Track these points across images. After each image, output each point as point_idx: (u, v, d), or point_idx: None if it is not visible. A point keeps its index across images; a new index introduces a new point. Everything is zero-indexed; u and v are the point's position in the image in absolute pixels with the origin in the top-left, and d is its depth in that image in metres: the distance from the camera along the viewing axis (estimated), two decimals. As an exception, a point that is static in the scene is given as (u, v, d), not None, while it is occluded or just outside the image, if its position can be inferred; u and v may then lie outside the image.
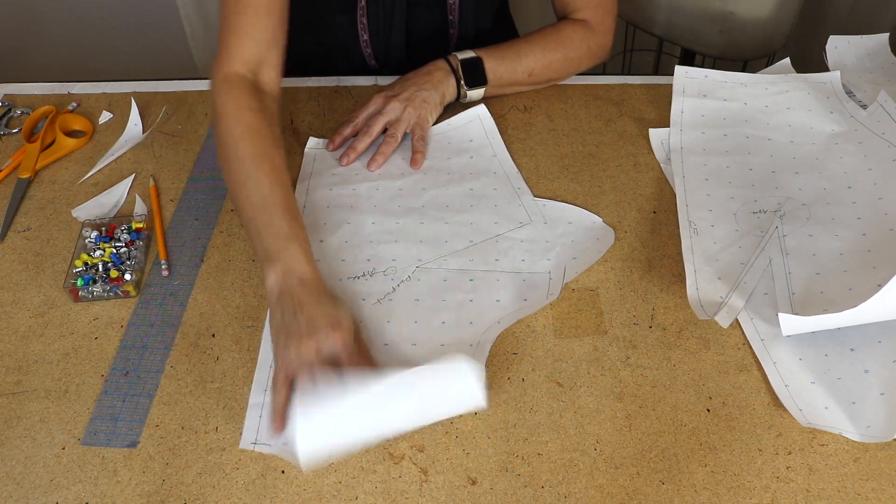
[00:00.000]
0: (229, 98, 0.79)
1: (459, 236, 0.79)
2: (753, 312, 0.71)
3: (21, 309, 0.75)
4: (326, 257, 0.78)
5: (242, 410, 0.66)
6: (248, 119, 0.77)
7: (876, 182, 0.81)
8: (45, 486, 0.61)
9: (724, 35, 1.35)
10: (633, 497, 0.59)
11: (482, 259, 0.77)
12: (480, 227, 0.80)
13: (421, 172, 0.86)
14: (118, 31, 1.86)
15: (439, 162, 0.88)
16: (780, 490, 0.59)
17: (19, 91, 1.02)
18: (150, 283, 0.77)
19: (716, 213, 0.80)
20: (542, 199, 0.83)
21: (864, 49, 1.02)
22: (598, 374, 0.67)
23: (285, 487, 0.61)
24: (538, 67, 0.93)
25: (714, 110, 0.92)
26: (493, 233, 0.79)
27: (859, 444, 0.61)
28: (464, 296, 0.74)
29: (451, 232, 0.80)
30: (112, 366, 0.70)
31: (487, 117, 0.92)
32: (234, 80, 0.81)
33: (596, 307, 0.73)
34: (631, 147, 0.90)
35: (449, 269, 0.76)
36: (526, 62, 0.93)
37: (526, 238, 0.79)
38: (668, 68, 1.15)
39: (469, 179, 0.86)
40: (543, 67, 0.94)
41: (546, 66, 0.94)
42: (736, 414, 0.64)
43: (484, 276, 0.75)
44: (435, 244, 0.78)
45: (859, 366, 0.66)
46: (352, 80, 1.01)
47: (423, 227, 0.80)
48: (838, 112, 0.91)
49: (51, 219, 0.84)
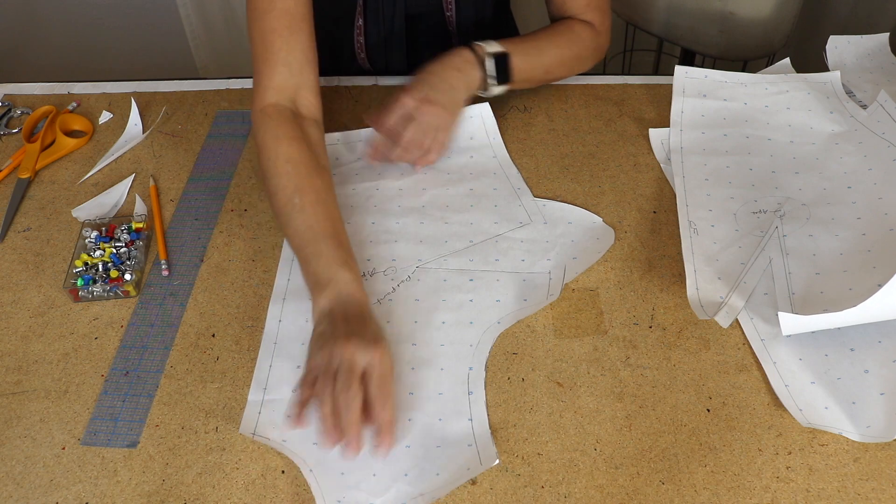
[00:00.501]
0: (267, 130, 0.78)
1: (459, 236, 0.79)
2: (753, 312, 0.71)
3: (21, 309, 0.75)
4: None
5: (242, 410, 0.66)
6: (288, 151, 0.76)
7: (876, 182, 0.81)
8: (45, 486, 0.61)
9: (724, 35, 1.35)
10: (633, 497, 0.59)
11: (482, 259, 0.77)
12: (480, 227, 0.80)
13: (421, 172, 0.86)
14: (118, 31, 1.86)
15: (439, 161, 0.88)
16: (780, 490, 0.59)
17: (19, 91, 1.03)
18: (150, 283, 0.77)
19: (716, 213, 0.80)
20: (542, 199, 0.83)
21: (864, 49, 1.02)
22: (598, 374, 0.67)
23: (285, 487, 0.61)
24: (554, 64, 0.93)
25: (714, 110, 0.92)
26: (493, 233, 0.79)
27: (859, 444, 0.61)
28: (464, 296, 0.74)
29: (451, 232, 0.80)
30: (112, 366, 0.70)
31: (490, 116, 0.92)
32: (271, 111, 0.79)
33: (596, 307, 0.73)
34: (631, 147, 0.90)
35: (449, 269, 0.76)
36: (545, 59, 0.91)
37: (526, 238, 0.79)
38: (668, 68, 1.15)
39: (469, 179, 0.86)
40: (559, 65, 0.93)
41: (561, 63, 0.93)
42: (736, 414, 0.64)
43: (484, 276, 0.75)
44: (435, 244, 0.78)
45: (859, 366, 0.66)
46: (352, 80, 1.01)
47: (423, 227, 0.80)
48: (838, 112, 0.91)
49: (51, 219, 0.84)
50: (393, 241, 0.79)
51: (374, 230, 0.80)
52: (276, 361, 0.69)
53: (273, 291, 0.75)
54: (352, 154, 0.89)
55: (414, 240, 0.79)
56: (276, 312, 0.73)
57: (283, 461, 0.62)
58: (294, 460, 0.62)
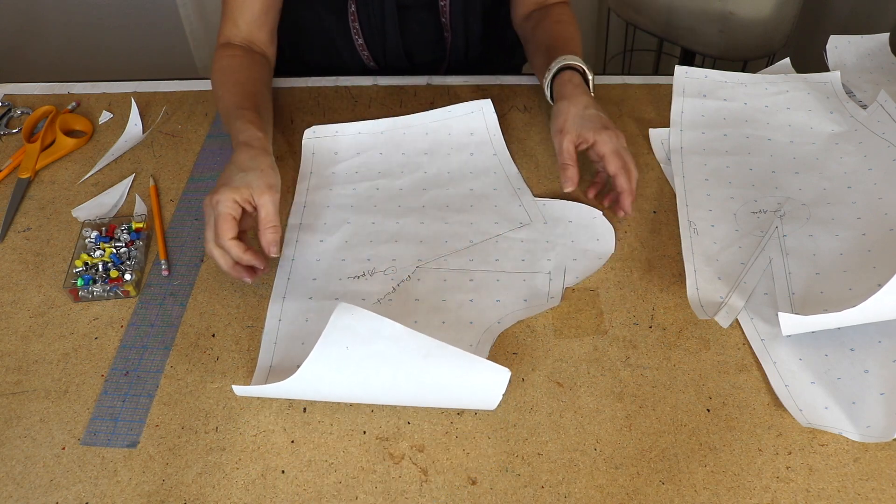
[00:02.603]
0: (220, 57, 0.91)
1: (459, 236, 0.79)
2: (753, 312, 0.71)
3: (21, 309, 0.75)
4: (326, 257, 0.78)
5: (242, 411, 0.66)
6: (231, 63, 0.90)
7: (876, 182, 0.81)
8: (45, 486, 0.61)
9: (724, 35, 1.36)
10: (633, 497, 0.59)
11: (482, 259, 0.77)
12: (480, 228, 0.80)
13: (421, 171, 0.86)
14: (118, 31, 1.87)
15: (439, 159, 0.88)
16: (780, 490, 0.59)
17: (19, 91, 1.03)
18: (150, 283, 0.77)
19: (716, 213, 0.80)
20: (542, 198, 0.83)
21: (864, 49, 1.02)
22: (598, 374, 0.67)
23: (285, 487, 0.61)
24: (581, 49, 0.92)
25: (714, 110, 0.92)
26: (493, 233, 0.79)
27: (859, 444, 0.61)
28: (464, 296, 0.74)
29: (452, 232, 0.80)
30: (112, 366, 0.70)
31: (491, 112, 0.92)
32: (226, 47, 0.92)
33: (596, 307, 0.73)
34: (631, 147, 0.89)
35: (449, 269, 0.76)
36: (581, 53, 0.91)
37: (526, 238, 0.79)
38: (668, 68, 1.15)
39: (469, 179, 0.86)
40: (581, 50, 0.92)
41: (581, 49, 0.93)
42: (736, 414, 0.64)
43: (484, 276, 0.75)
44: (435, 244, 0.78)
45: (859, 366, 0.66)
46: (351, 80, 1.01)
47: (423, 227, 0.80)
48: (838, 112, 0.91)
49: (51, 219, 0.84)
50: (393, 241, 0.79)
51: (375, 230, 0.80)
52: (275, 361, 0.69)
53: (272, 291, 0.75)
54: (350, 151, 0.89)
55: (414, 240, 0.79)
56: (276, 311, 0.73)
57: (283, 461, 0.62)
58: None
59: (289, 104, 0.97)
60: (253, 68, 0.91)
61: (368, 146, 0.89)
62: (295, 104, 0.97)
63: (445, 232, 0.80)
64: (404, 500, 0.60)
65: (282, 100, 0.98)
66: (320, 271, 0.76)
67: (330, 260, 0.78)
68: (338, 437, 0.64)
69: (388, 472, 0.61)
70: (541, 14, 0.98)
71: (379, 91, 0.99)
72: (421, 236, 0.79)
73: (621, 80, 0.99)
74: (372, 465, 0.62)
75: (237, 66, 0.90)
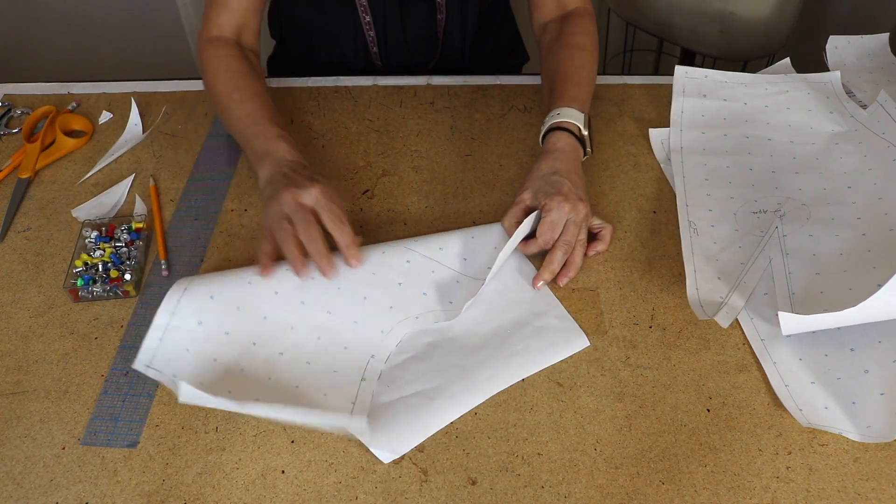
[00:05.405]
0: (210, 51, 0.88)
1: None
2: (753, 312, 0.71)
3: (21, 309, 0.75)
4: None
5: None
6: (227, 62, 0.87)
7: (876, 182, 0.81)
8: (45, 486, 0.61)
9: (724, 35, 1.36)
10: (633, 497, 0.59)
11: (426, 243, 0.75)
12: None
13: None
14: (118, 31, 1.87)
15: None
16: (780, 490, 0.59)
17: (19, 91, 1.03)
18: (150, 283, 0.77)
19: (716, 213, 0.80)
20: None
21: (864, 49, 1.02)
22: (598, 374, 0.67)
23: (285, 487, 0.61)
24: (594, 74, 0.90)
25: (714, 110, 0.92)
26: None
27: (859, 444, 0.61)
28: (394, 276, 0.72)
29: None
30: (112, 366, 0.70)
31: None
32: (215, 41, 0.89)
33: (596, 307, 0.73)
34: (631, 147, 0.90)
35: (391, 241, 0.75)
36: (591, 77, 0.88)
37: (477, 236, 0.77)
38: (668, 68, 1.15)
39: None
40: (594, 69, 0.90)
41: (594, 66, 0.90)
42: (736, 414, 0.64)
43: (422, 262, 0.74)
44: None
45: (859, 366, 0.66)
46: (351, 80, 1.01)
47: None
48: (838, 112, 0.91)
49: (51, 219, 0.84)
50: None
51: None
52: (193, 286, 0.69)
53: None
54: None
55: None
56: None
57: (283, 461, 0.62)
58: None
59: (289, 104, 0.97)
60: (258, 74, 0.88)
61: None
62: (295, 104, 0.98)
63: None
64: (404, 500, 0.60)
65: (282, 100, 0.98)
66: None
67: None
68: (338, 436, 0.64)
69: (387, 472, 0.61)
70: (558, 27, 0.92)
71: (379, 91, 0.99)
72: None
73: (621, 80, 0.99)
74: (372, 465, 0.62)
75: (246, 70, 0.87)
